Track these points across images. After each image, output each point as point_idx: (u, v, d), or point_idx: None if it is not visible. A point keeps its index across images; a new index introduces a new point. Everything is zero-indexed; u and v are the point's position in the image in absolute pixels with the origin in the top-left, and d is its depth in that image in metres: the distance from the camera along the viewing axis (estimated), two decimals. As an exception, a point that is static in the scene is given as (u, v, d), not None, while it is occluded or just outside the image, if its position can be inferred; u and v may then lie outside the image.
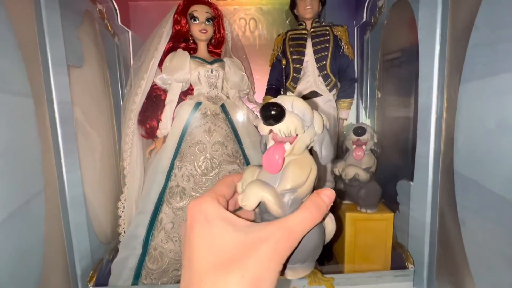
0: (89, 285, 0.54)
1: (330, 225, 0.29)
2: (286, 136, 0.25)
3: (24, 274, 0.37)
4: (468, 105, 0.42)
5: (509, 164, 0.33)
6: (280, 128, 0.24)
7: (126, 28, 0.76)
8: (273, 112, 0.24)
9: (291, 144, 0.26)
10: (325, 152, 0.28)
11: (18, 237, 0.36)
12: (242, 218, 0.24)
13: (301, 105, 0.26)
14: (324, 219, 0.27)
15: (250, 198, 0.24)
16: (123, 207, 0.64)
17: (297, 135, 0.26)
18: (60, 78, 0.49)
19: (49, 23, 0.47)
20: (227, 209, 0.25)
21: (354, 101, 0.79)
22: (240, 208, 0.25)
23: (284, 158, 0.26)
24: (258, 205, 0.25)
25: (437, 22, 0.50)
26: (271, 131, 0.25)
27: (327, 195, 0.26)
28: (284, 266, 0.25)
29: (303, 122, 0.25)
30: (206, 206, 0.24)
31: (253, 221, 0.25)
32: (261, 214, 0.26)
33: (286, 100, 0.26)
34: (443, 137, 0.50)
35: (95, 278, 0.55)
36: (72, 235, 0.52)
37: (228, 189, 0.27)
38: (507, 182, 0.34)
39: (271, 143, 0.26)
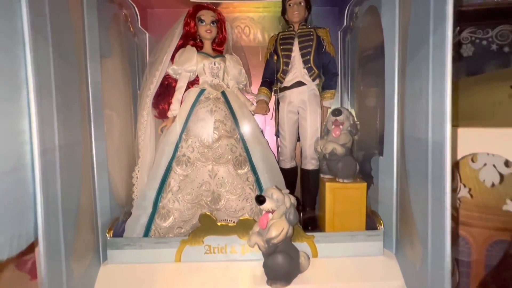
0: (108, 236, 0.65)
1: (304, 260, 0.57)
2: (267, 211, 0.54)
3: (69, 206, 0.49)
4: (411, 84, 0.54)
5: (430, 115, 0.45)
6: (263, 207, 0.53)
7: (145, 30, 0.90)
8: (259, 199, 0.52)
9: (272, 214, 0.53)
10: (291, 218, 0.54)
11: (66, 166, 0.47)
12: None
13: (276, 194, 0.53)
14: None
15: (251, 240, 0.54)
16: (137, 177, 0.76)
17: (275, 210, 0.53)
18: (94, 64, 0.62)
19: (89, 23, 0.60)
20: None
21: (339, 94, 0.91)
22: None
23: (268, 221, 0.53)
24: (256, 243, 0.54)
25: (395, 25, 0.62)
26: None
27: None
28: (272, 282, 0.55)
29: (276, 203, 0.53)
30: None
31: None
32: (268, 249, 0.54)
33: (268, 192, 0.54)
34: (400, 113, 0.61)
35: (112, 231, 0.66)
36: (96, 192, 0.63)
37: None
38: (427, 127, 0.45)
39: (263, 211, 0.54)
